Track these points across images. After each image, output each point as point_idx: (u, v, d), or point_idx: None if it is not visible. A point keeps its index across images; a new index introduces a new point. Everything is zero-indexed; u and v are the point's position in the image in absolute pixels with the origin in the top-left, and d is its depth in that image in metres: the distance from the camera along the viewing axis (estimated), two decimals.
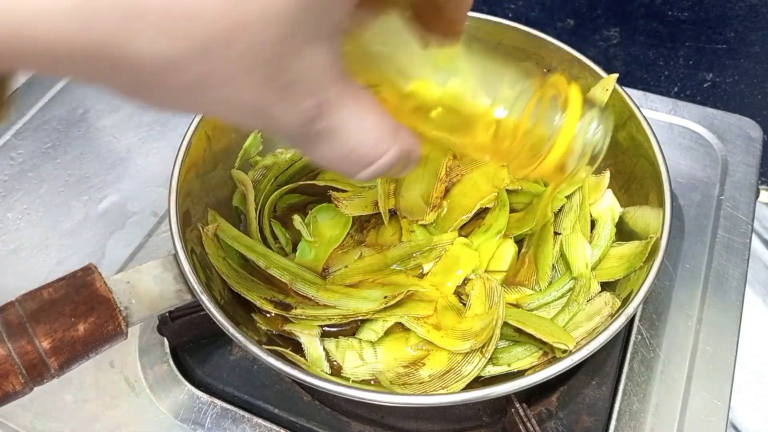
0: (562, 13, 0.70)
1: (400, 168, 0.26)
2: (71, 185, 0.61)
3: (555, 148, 0.28)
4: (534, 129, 0.27)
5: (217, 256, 0.45)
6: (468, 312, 0.45)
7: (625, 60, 0.73)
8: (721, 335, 0.50)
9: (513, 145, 0.28)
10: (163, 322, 0.47)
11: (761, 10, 0.63)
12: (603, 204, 0.50)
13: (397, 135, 0.25)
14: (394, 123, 0.25)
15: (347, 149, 0.24)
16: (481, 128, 0.27)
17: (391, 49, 0.26)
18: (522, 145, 0.28)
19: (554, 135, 0.28)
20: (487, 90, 0.27)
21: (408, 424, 0.46)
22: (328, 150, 0.24)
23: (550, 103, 0.27)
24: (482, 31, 0.55)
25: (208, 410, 0.47)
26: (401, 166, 0.26)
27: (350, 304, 0.45)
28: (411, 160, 0.27)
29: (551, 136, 0.28)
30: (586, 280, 0.45)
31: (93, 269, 0.37)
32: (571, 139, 0.28)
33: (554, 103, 0.28)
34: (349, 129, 0.23)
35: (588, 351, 0.38)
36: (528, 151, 0.28)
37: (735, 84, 0.71)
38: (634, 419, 0.46)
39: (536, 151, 0.28)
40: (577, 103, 0.28)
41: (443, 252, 0.48)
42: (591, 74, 0.52)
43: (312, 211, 0.51)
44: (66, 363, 0.35)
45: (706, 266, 0.54)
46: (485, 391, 0.37)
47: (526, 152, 0.28)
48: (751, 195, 0.59)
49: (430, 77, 0.26)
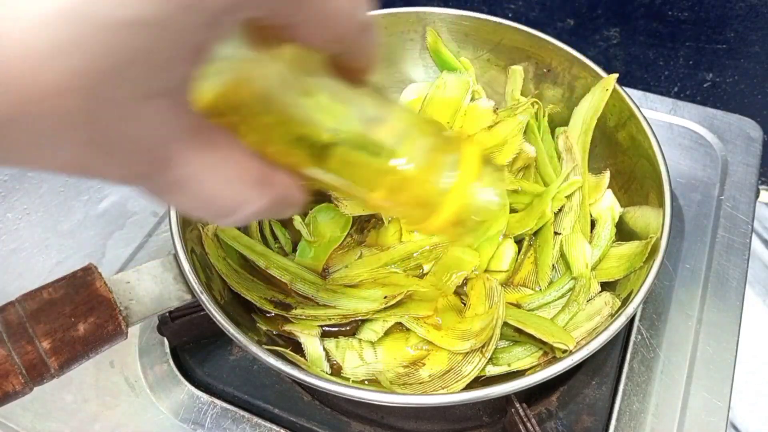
0: (562, 13, 0.70)
1: (274, 213, 0.25)
2: (71, 185, 0.61)
3: (444, 208, 0.27)
4: (427, 186, 0.27)
5: (217, 256, 0.45)
6: (468, 312, 0.45)
7: (625, 60, 0.73)
8: (721, 335, 0.50)
9: (404, 200, 0.27)
10: (163, 322, 0.47)
11: (761, 10, 0.63)
12: (603, 204, 0.50)
13: (267, 183, 0.24)
14: (263, 170, 0.24)
15: (203, 201, 0.23)
16: (374, 181, 0.27)
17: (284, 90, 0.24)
18: (412, 202, 0.27)
19: (446, 194, 0.27)
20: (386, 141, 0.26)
21: (408, 424, 0.46)
22: (183, 200, 0.23)
23: (446, 161, 0.27)
24: (482, 31, 0.55)
25: (208, 410, 0.47)
26: (275, 212, 0.25)
27: (350, 304, 0.45)
28: (288, 205, 0.25)
29: (443, 195, 0.27)
30: (586, 280, 0.45)
31: (93, 269, 0.37)
32: (462, 201, 0.27)
33: (451, 161, 0.27)
34: (202, 181, 0.22)
35: (588, 351, 0.38)
36: (418, 208, 0.27)
37: (735, 84, 0.71)
38: (634, 419, 0.46)
39: (427, 208, 0.27)
40: (472, 164, 0.27)
41: (443, 252, 0.48)
42: (591, 74, 0.52)
43: (312, 211, 0.51)
44: (66, 363, 0.35)
45: (706, 266, 0.54)
46: (485, 391, 0.37)
47: (416, 209, 0.28)
48: (751, 195, 0.59)
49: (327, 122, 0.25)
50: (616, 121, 0.50)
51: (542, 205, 0.49)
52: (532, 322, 0.43)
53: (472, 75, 0.56)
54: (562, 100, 0.55)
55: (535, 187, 0.51)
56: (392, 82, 0.58)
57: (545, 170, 0.52)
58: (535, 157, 0.53)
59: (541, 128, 0.54)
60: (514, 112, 0.54)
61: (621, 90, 0.50)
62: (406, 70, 0.59)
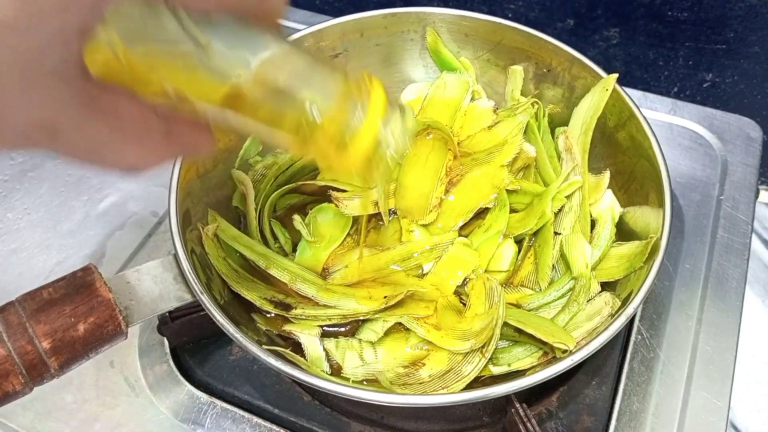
0: (562, 13, 0.71)
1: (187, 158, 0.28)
2: (71, 185, 0.61)
3: (355, 147, 0.29)
4: (338, 125, 0.29)
5: (217, 256, 0.45)
6: (468, 312, 0.45)
7: (625, 60, 0.73)
8: (721, 335, 0.50)
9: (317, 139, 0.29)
10: (163, 322, 0.47)
11: (761, 10, 0.63)
12: (603, 204, 0.50)
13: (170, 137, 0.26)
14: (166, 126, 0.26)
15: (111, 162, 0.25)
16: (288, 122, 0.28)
17: (174, 47, 0.26)
18: (325, 141, 0.29)
19: (357, 131, 0.29)
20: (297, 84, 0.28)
21: (408, 424, 0.46)
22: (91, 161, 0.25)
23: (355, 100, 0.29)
24: (482, 31, 0.56)
25: (208, 410, 0.47)
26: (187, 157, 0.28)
27: (350, 304, 0.45)
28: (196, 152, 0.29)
29: (354, 132, 0.29)
30: (586, 280, 0.45)
31: (93, 269, 0.37)
32: (373, 136, 0.29)
33: (359, 101, 0.29)
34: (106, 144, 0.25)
35: (588, 351, 0.38)
36: (330, 147, 0.29)
37: (735, 84, 0.71)
38: (634, 419, 0.46)
39: (339, 146, 0.29)
40: (380, 102, 0.29)
41: (443, 252, 0.48)
42: (591, 74, 0.52)
43: (312, 211, 0.51)
44: (66, 363, 0.35)
45: (706, 266, 0.54)
46: (485, 391, 0.37)
47: (328, 147, 0.29)
48: (750, 195, 0.59)
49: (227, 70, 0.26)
50: (616, 121, 0.50)
51: (542, 205, 0.49)
52: (532, 322, 0.43)
53: (472, 75, 0.56)
54: (562, 100, 0.55)
55: (535, 187, 0.51)
56: (392, 82, 0.58)
57: (545, 170, 0.52)
58: (535, 157, 0.53)
59: (541, 128, 0.54)
60: (514, 112, 0.54)
61: (621, 90, 0.50)
62: (406, 70, 0.59)
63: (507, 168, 0.51)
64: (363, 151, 0.29)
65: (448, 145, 0.52)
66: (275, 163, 0.53)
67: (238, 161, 0.52)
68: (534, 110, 0.54)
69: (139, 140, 0.26)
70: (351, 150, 0.29)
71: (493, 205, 0.50)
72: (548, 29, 0.61)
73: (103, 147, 0.25)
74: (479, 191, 0.50)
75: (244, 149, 0.53)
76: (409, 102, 0.57)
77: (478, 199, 0.50)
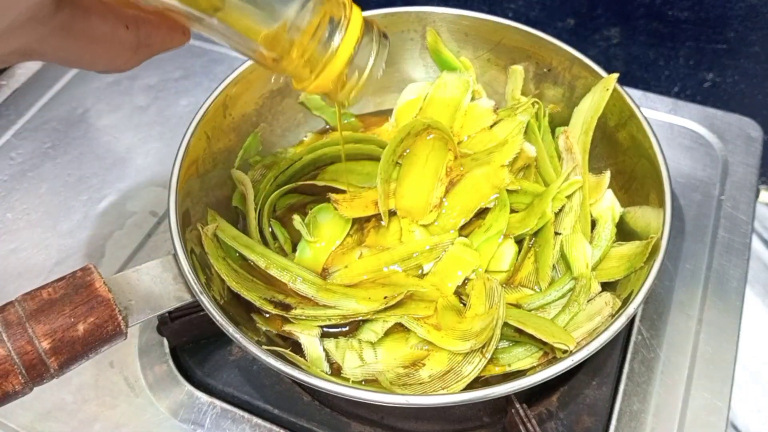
0: (562, 13, 0.70)
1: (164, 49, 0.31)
2: (71, 185, 0.61)
3: (333, 63, 0.30)
4: (316, 43, 0.29)
5: (217, 256, 0.45)
6: (468, 312, 0.45)
7: (625, 60, 0.73)
8: (721, 335, 0.50)
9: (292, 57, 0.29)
10: (163, 322, 0.47)
11: (761, 10, 0.63)
12: (603, 204, 0.50)
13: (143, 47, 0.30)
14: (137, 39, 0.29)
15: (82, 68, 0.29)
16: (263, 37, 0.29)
17: None
18: (302, 58, 0.30)
19: (334, 50, 0.30)
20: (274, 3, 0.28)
21: (408, 424, 0.46)
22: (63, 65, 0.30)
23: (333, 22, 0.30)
24: (482, 31, 0.55)
25: (208, 410, 0.47)
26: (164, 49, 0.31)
27: (350, 304, 0.45)
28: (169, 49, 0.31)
29: (331, 51, 0.30)
30: (587, 280, 0.45)
31: (92, 269, 0.37)
32: (349, 56, 0.30)
33: (338, 22, 0.30)
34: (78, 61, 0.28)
35: (588, 351, 0.38)
36: (307, 64, 0.30)
37: (735, 84, 0.71)
38: (634, 420, 0.46)
39: (315, 65, 0.30)
40: (357, 24, 0.30)
41: (443, 252, 0.48)
42: (591, 74, 0.52)
43: (312, 211, 0.51)
44: (66, 363, 0.35)
45: (706, 266, 0.54)
46: (485, 391, 0.37)
47: (304, 65, 0.30)
48: (751, 195, 0.59)
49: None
50: (617, 120, 0.50)
51: (542, 205, 0.49)
52: (533, 322, 0.43)
53: (472, 75, 0.56)
54: (563, 99, 0.55)
55: (536, 187, 0.51)
56: (392, 82, 0.58)
57: (545, 170, 0.52)
58: (536, 157, 0.53)
59: (541, 128, 0.54)
60: (514, 111, 0.54)
61: (621, 90, 0.50)
62: (406, 70, 0.59)
63: (507, 168, 0.51)
64: (335, 72, 0.30)
65: (449, 145, 0.52)
66: (275, 163, 0.53)
67: (238, 161, 0.52)
68: (534, 110, 0.54)
69: (110, 54, 0.29)
70: (324, 70, 0.30)
71: (493, 205, 0.50)
72: (549, 29, 0.61)
73: (77, 60, 0.28)
74: (479, 191, 0.50)
75: (243, 149, 0.53)
76: (409, 102, 0.57)
77: (479, 199, 0.50)
